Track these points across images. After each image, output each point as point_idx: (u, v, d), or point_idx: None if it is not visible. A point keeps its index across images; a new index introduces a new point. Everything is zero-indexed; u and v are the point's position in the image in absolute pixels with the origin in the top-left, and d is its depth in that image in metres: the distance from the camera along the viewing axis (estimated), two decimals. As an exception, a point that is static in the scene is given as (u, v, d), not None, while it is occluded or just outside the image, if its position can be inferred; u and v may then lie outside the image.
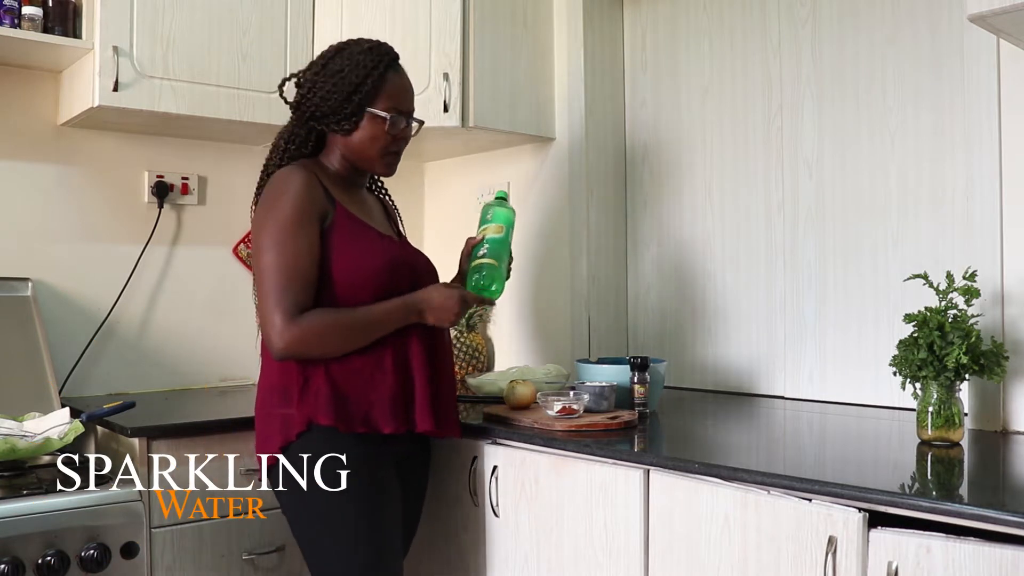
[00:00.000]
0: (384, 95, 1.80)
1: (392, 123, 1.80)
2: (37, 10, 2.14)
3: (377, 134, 1.80)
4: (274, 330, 1.65)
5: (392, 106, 1.80)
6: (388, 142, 1.82)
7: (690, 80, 2.63)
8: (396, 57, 1.85)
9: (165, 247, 2.60)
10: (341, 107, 1.78)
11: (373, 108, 1.79)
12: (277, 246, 1.68)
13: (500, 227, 1.91)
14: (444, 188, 3.08)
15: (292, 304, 1.66)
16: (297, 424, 1.70)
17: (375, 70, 1.78)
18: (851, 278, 2.24)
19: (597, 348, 2.69)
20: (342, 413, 1.70)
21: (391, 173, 1.89)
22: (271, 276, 1.67)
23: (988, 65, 1.85)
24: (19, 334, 2.23)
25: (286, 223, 1.69)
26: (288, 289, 1.66)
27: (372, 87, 1.78)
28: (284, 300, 1.66)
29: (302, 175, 1.74)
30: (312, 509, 1.73)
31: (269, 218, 1.72)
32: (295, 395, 1.71)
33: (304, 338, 1.66)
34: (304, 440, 1.71)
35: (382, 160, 1.84)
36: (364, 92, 1.78)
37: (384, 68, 1.80)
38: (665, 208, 2.69)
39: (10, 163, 2.37)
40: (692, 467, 1.56)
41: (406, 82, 1.86)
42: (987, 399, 1.84)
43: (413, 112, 1.87)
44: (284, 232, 1.69)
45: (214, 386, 2.64)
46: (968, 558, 1.25)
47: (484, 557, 1.96)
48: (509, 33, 2.63)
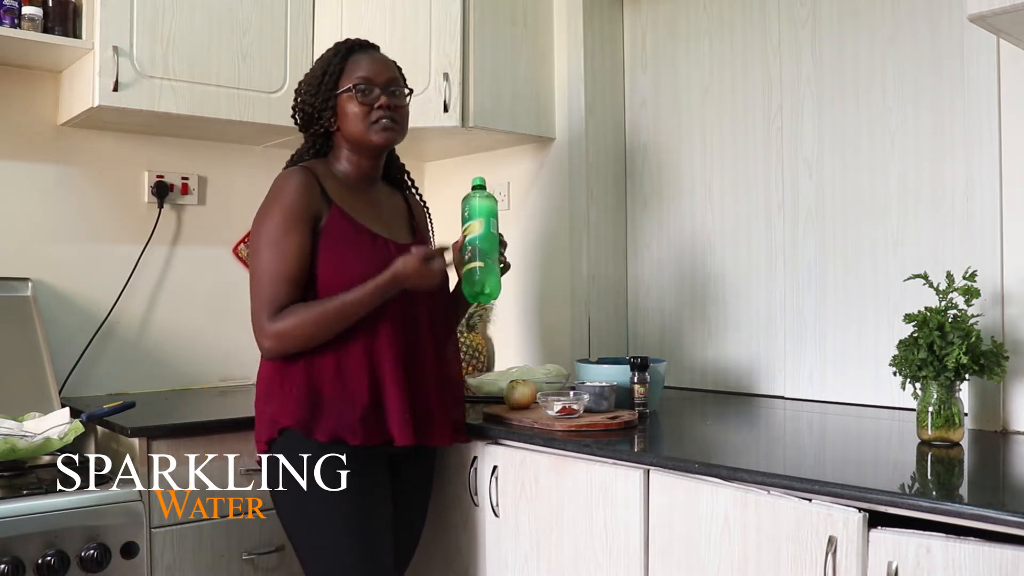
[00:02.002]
0: (346, 74, 1.84)
1: (362, 92, 1.82)
2: (37, 10, 2.14)
3: (355, 110, 1.82)
4: (259, 331, 1.73)
5: (357, 77, 1.83)
6: (367, 112, 1.82)
7: (690, 80, 2.63)
8: (361, 43, 1.89)
9: (165, 247, 2.60)
10: (315, 102, 1.84)
11: (340, 89, 1.83)
12: (266, 249, 1.74)
13: (480, 222, 1.83)
14: (444, 188, 3.08)
15: (275, 305, 1.72)
16: (279, 423, 1.74)
17: (335, 57, 1.85)
18: (851, 278, 2.24)
19: (597, 348, 2.69)
20: (312, 418, 1.73)
21: (392, 141, 1.86)
22: (259, 278, 1.74)
23: (988, 65, 1.85)
24: (19, 334, 2.23)
25: (276, 226, 1.74)
26: (273, 290, 1.72)
27: (334, 71, 1.84)
28: (268, 301, 1.72)
29: (298, 177, 1.78)
30: (298, 509, 1.75)
31: (261, 221, 1.78)
32: (276, 395, 1.75)
33: (282, 334, 1.71)
34: (285, 439, 1.74)
35: (370, 131, 1.82)
36: (328, 79, 1.84)
37: (345, 53, 1.86)
38: (665, 208, 2.69)
39: (10, 163, 2.37)
40: (692, 467, 1.56)
41: (373, 59, 1.87)
42: (987, 399, 1.84)
43: (393, 81, 1.86)
44: (273, 235, 1.74)
45: (214, 386, 2.64)
46: (968, 558, 1.25)
47: (484, 557, 1.96)
48: (509, 33, 2.63)
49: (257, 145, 2.69)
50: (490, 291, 1.82)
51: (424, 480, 1.96)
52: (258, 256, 1.75)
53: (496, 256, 1.85)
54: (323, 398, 1.74)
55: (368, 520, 1.75)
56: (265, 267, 1.73)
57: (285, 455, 1.74)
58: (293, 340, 1.72)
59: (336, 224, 1.77)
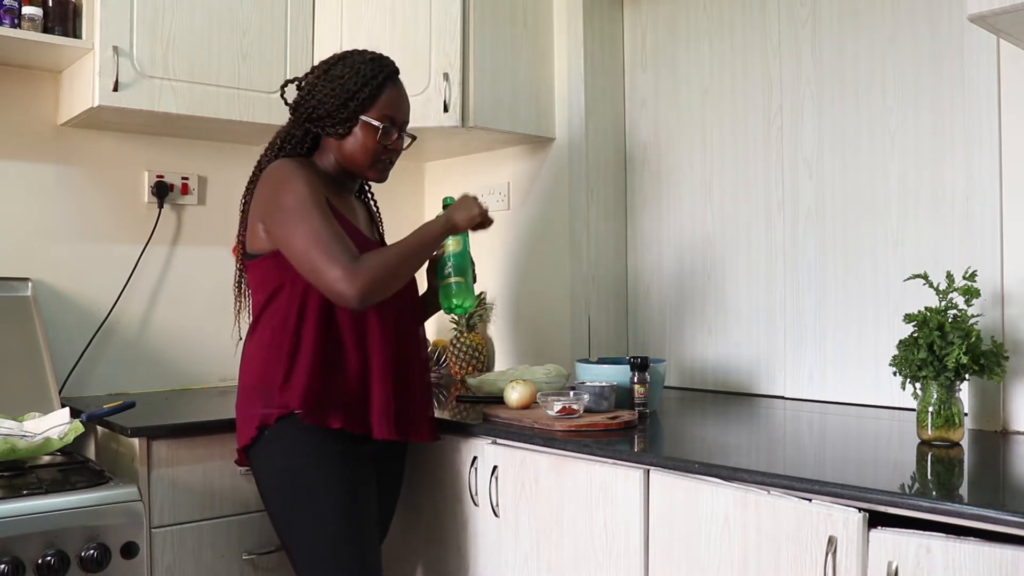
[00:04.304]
0: (379, 104, 1.83)
1: (384, 133, 1.83)
2: (37, 10, 2.14)
3: (369, 142, 1.84)
4: (342, 281, 1.66)
5: (386, 115, 1.84)
6: (379, 151, 1.86)
7: (690, 80, 2.63)
8: (396, 71, 1.89)
9: (165, 247, 2.60)
10: (337, 112, 1.82)
11: (367, 116, 1.82)
12: (307, 219, 1.71)
13: (458, 240, 1.98)
14: (444, 188, 3.08)
15: (347, 253, 1.68)
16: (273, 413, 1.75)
17: (373, 79, 1.82)
18: (851, 278, 2.24)
19: (597, 348, 2.69)
20: (303, 405, 1.74)
21: (382, 180, 1.93)
22: (314, 242, 1.69)
23: (988, 65, 1.85)
24: (19, 334, 2.23)
25: (304, 199, 1.73)
26: (334, 244, 1.69)
27: (368, 95, 1.82)
28: (338, 254, 1.68)
29: (301, 164, 1.81)
30: (289, 499, 1.77)
31: (284, 201, 1.74)
32: (276, 384, 1.75)
33: (373, 274, 1.68)
34: (277, 427, 1.75)
35: (372, 168, 1.88)
36: (360, 99, 1.81)
37: (383, 79, 1.84)
38: (665, 208, 2.69)
39: (10, 163, 2.37)
40: (692, 467, 1.56)
41: (403, 95, 1.89)
42: (987, 399, 1.84)
43: (407, 125, 1.91)
44: (306, 206, 1.72)
45: (214, 386, 2.64)
46: (968, 558, 1.25)
47: (484, 557, 1.96)
48: (509, 33, 2.63)
49: (257, 145, 2.67)
50: (468, 305, 1.97)
51: (398, 475, 2.00)
52: (299, 228, 1.70)
53: (471, 272, 1.99)
54: (315, 387, 1.75)
55: (359, 511, 1.77)
56: (314, 230, 1.69)
57: (276, 444, 1.76)
58: (382, 278, 1.69)
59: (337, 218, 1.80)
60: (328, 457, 1.76)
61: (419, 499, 2.12)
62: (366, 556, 1.78)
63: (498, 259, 2.88)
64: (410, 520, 2.14)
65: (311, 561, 1.75)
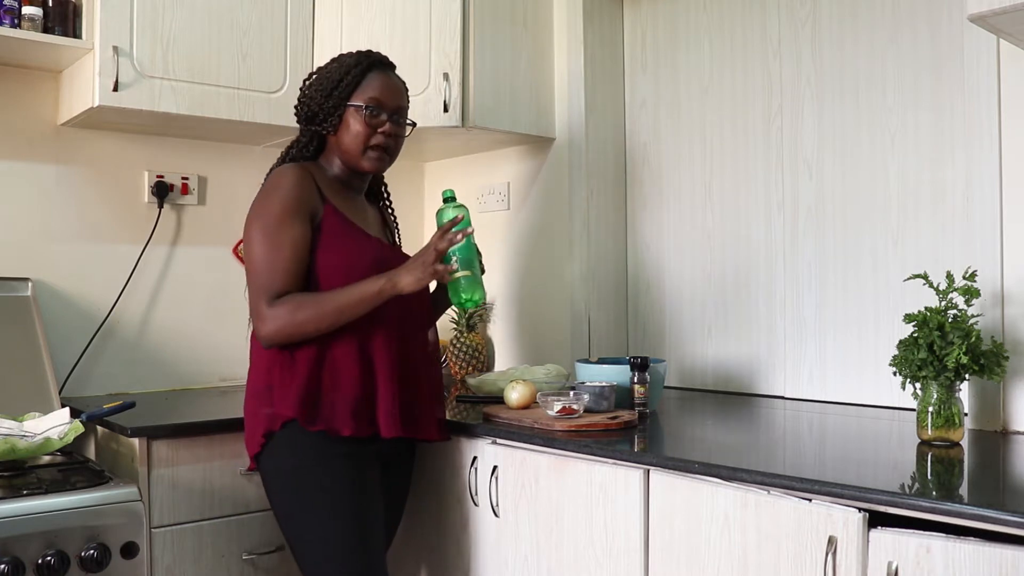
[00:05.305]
0: (362, 89, 1.85)
1: (370, 114, 1.83)
2: (37, 10, 2.14)
3: (358, 128, 1.84)
4: (258, 317, 1.74)
5: (371, 98, 1.84)
6: (369, 134, 1.84)
7: (690, 80, 2.63)
8: (383, 61, 1.90)
9: (165, 247, 2.60)
10: (324, 104, 1.84)
11: (352, 102, 1.83)
12: (264, 240, 1.75)
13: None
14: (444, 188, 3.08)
15: (272, 291, 1.72)
16: (278, 419, 1.76)
17: (356, 67, 1.85)
18: (851, 278, 2.24)
19: (597, 348, 2.69)
20: (309, 410, 1.74)
21: (377, 169, 1.90)
22: (256, 268, 1.75)
23: (988, 65, 1.85)
24: (19, 334, 2.23)
25: (273, 218, 1.76)
26: (270, 278, 1.73)
27: (351, 81, 1.84)
28: (266, 289, 1.73)
29: (295, 172, 1.81)
30: (296, 501, 1.77)
31: (258, 213, 1.79)
32: (276, 390, 1.76)
33: (280, 319, 1.71)
34: (284, 432, 1.75)
35: (365, 156, 1.86)
36: (343, 87, 1.84)
37: (366, 66, 1.86)
38: (665, 208, 2.69)
39: (10, 163, 2.37)
40: (692, 467, 1.56)
41: (392, 82, 1.89)
42: (987, 399, 1.84)
43: (400, 110, 1.89)
44: (270, 226, 1.75)
45: (214, 386, 2.64)
46: (968, 558, 1.25)
47: (484, 557, 1.96)
48: (509, 33, 2.63)
49: (257, 145, 2.69)
50: (478, 298, 1.91)
51: (405, 482, 2.00)
52: (254, 247, 1.76)
53: (477, 264, 1.93)
54: (320, 391, 1.75)
55: (365, 513, 1.78)
56: (263, 256, 1.74)
57: (284, 447, 1.76)
58: (293, 327, 1.72)
59: (331, 221, 1.81)
60: (334, 459, 1.76)
61: (419, 499, 2.12)
62: (371, 560, 1.77)
63: (498, 259, 2.88)
64: (410, 520, 2.14)
65: (317, 564, 1.75)
